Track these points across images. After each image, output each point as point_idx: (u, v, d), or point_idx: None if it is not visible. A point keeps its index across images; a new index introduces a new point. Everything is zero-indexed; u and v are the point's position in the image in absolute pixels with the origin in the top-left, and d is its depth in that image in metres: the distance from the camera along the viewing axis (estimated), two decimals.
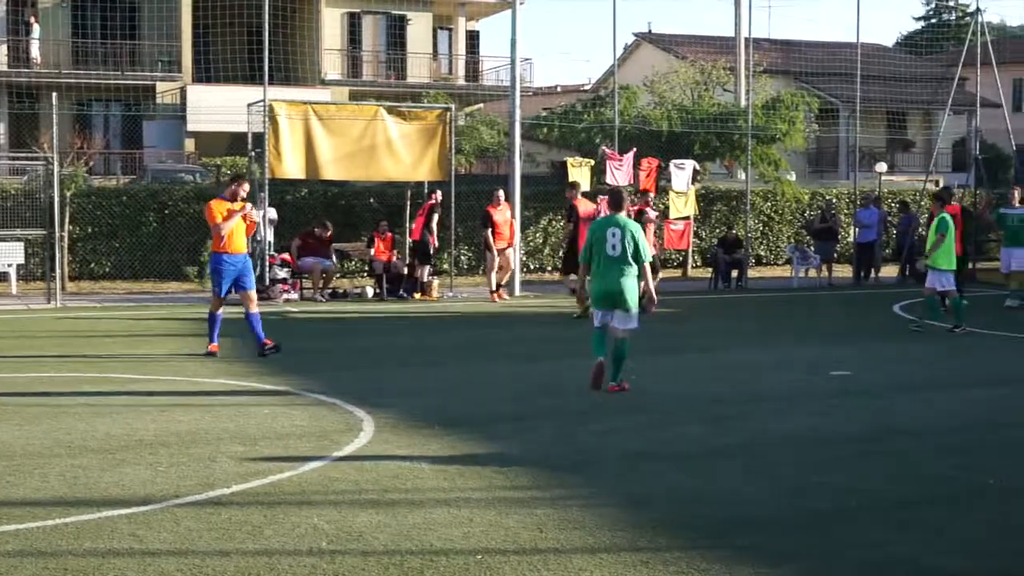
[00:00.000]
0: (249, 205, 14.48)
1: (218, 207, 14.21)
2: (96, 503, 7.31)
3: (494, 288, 22.55)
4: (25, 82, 42.67)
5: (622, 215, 11.78)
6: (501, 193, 22.99)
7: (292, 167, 22.82)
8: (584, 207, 21.17)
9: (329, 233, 23.45)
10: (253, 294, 14.46)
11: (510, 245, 23.02)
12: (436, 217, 23.06)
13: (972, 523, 7.06)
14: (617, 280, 11.48)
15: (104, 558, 6.20)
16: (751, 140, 29.25)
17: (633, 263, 11.52)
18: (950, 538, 6.74)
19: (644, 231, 13.34)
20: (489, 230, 22.43)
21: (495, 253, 22.53)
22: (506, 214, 23.02)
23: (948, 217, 17.29)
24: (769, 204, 31.75)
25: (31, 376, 12.76)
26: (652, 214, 21.64)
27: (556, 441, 9.32)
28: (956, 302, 17.25)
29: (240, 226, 14.26)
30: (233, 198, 14.38)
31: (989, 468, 8.50)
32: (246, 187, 14.68)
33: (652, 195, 24.21)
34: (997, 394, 11.86)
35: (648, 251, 11.84)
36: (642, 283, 11.73)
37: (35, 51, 43.55)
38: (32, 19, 43.69)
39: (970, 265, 22.86)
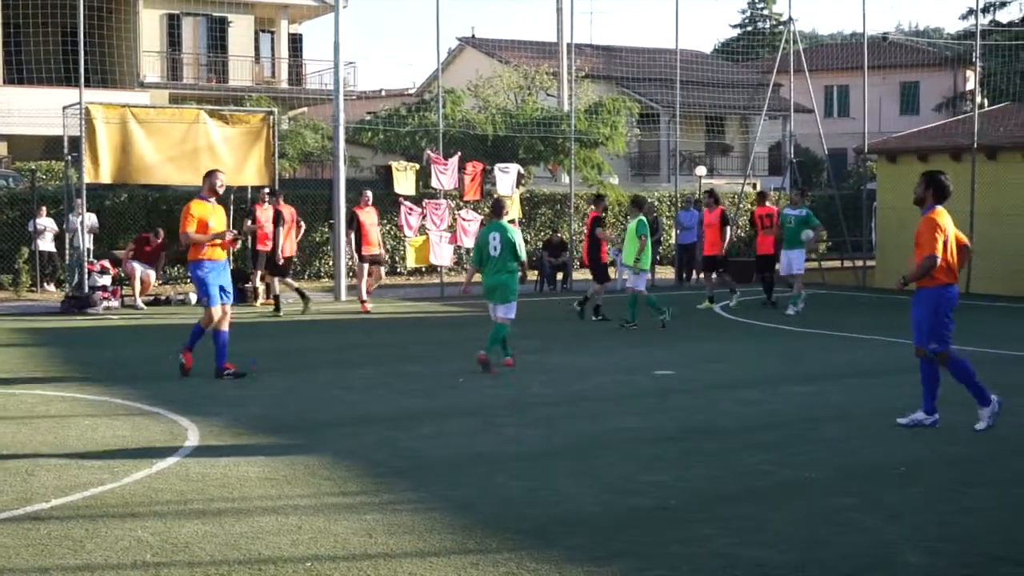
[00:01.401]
0: (232, 234, 13.15)
1: (197, 210, 12.79)
2: None
3: (364, 297, 21.58)
4: None
5: (503, 221, 13.97)
6: (369, 193, 22.19)
7: (111, 172, 22.25)
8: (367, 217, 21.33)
9: (161, 240, 23.01)
10: (229, 309, 13.19)
11: (379, 251, 22.20)
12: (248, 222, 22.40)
13: (789, 516, 7.27)
14: (499, 276, 13.67)
15: None
16: (574, 144, 29.65)
17: (512, 261, 13.69)
18: (768, 531, 6.93)
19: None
20: (354, 233, 21.60)
21: (360, 258, 21.58)
22: (373, 216, 22.18)
23: (645, 220, 18.37)
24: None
25: None
26: (607, 233, 21.52)
27: (384, 446, 9.30)
28: (650, 299, 18.20)
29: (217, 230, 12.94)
30: (213, 192, 12.98)
31: (806, 463, 8.77)
32: (222, 177, 13.24)
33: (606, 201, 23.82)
34: (811, 390, 12.24)
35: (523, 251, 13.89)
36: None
37: None
38: None
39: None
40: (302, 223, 23.09)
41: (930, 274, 9.92)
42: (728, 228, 21.95)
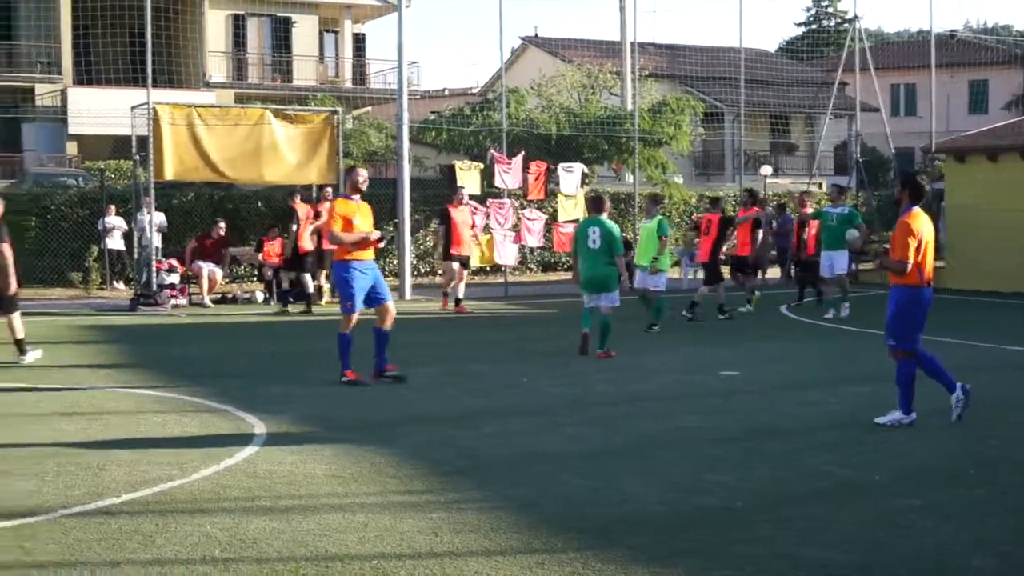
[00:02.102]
0: (377, 234, 12.43)
1: (342, 208, 12.37)
2: None
3: (460, 296, 21.27)
4: None
5: (603, 216, 14.65)
6: (465, 191, 22.09)
7: (177, 170, 22.51)
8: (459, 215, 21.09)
9: (223, 232, 23.26)
10: (391, 307, 12.61)
11: (468, 252, 21.92)
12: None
13: (853, 517, 7.22)
14: (598, 269, 14.50)
15: None
16: (638, 143, 29.58)
17: (611, 255, 14.44)
18: (831, 532, 6.88)
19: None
20: (444, 228, 21.33)
21: (448, 257, 21.22)
22: (466, 215, 21.77)
23: (665, 220, 18.09)
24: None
25: None
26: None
27: (449, 445, 9.33)
28: (660, 303, 17.82)
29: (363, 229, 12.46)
30: (356, 190, 12.49)
31: (867, 463, 8.70)
32: (364, 174, 12.73)
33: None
34: (869, 391, 12.11)
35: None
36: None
37: None
38: None
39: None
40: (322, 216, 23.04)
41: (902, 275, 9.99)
42: (760, 230, 21.30)
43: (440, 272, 23.54)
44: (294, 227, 21.54)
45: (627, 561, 6.32)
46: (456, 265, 21.24)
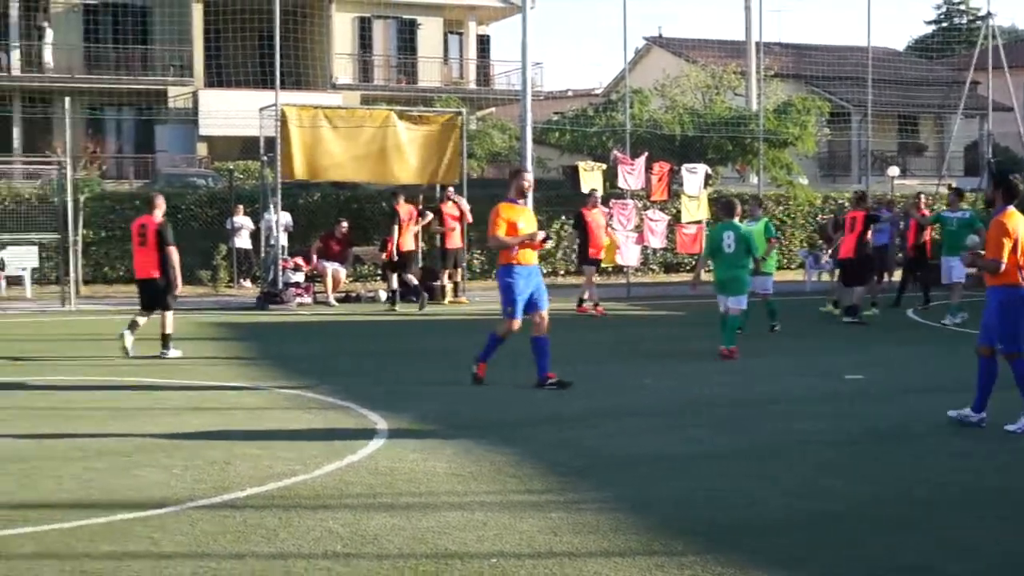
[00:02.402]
0: (542, 234, 12.24)
1: (506, 212, 12.09)
2: (111, 506, 7.33)
3: (596, 299, 20.80)
4: (38, 87, 42.80)
5: (735, 220, 15.08)
6: (598, 193, 21.90)
7: (303, 170, 22.87)
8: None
9: (346, 231, 23.56)
10: (545, 315, 12.25)
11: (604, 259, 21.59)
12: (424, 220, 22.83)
13: (982, 525, 7.05)
14: (733, 271, 14.88)
15: (120, 561, 6.22)
16: (763, 144, 29.25)
17: (747, 257, 14.95)
18: (961, 542, 6.73)
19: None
20: (580, 232, 21.05)
21: (586, 260, 20.93)
22: (601, 218, 21.36)
23: (770, 222, 17.92)
24: (782, 208, 31.72)
25: (45, 379, 12.81)
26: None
27: (569, 445, 9.32)
28: (772, 304, 17.81)
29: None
30: (520, 194, 12.38)
31: (997, 469, 8.49)
32: (529, 178, 12.66)
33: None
34: (1002, 396, 11.81)
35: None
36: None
37: (48, 56, 43.69)
38: (45, 24, 43.80)
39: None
40: (427, 215, 23.13)
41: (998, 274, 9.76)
42: (868, 232, 20.62)
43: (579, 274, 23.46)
44: (395, 228, 21.76)
45: (748, 565, 6.25)
46: (593, 268, 21.08)
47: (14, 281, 24.30)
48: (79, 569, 6.07)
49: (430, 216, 22.94)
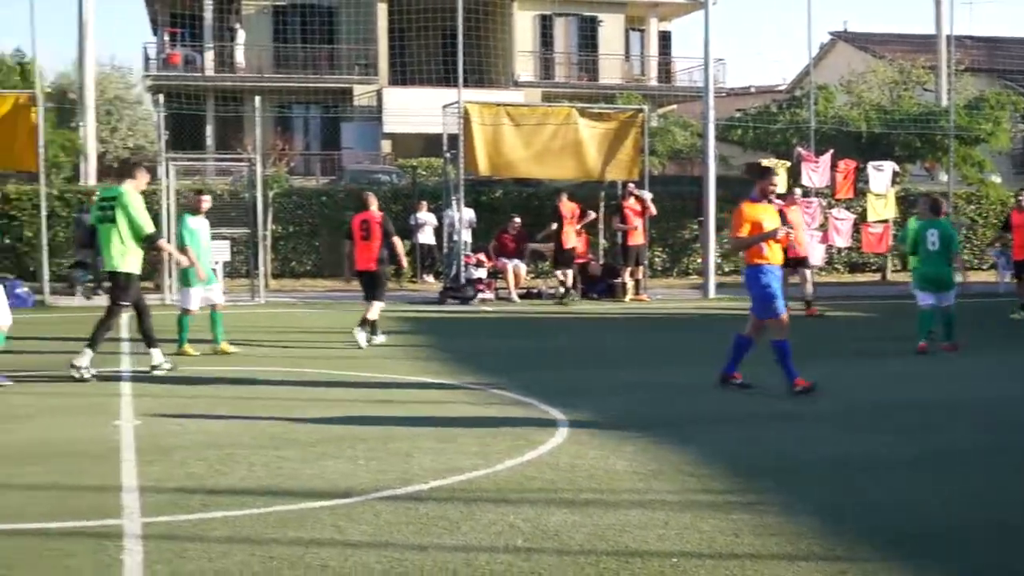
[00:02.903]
0: (784, 230, 11.74)
1: (750, 212, 11.70)
2: (299, 494, 7.50)
3: (810, 297, 20.17)
4: (230, 86, 44.12)
5: (940, 218, 15.21)
6: (798, 190, 21.50)
7: (485, 167, 23.13)
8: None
9: (518, 227, 23.70)
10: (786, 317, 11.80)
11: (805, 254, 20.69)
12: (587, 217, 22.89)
13: None
14: (938, 268, 14.97)
15: (307, 547, 6.36)
16: (953, 141, 28.42)
17: (948, 255, 15.02)
18: None
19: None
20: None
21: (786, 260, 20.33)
22: (799, 215, 20.65)
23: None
24: (973, 207, 30.81)
25: (236, 370, 13.21)
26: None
27: (751, 445, 9.20)
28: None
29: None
30: (765, 195, 12.05)
31: None
32: (777, 180, 11.84)
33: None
34: None
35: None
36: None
37: (239, 56, 45.02)
38: (237, 25, 45.14)
39: None
40: (589, 214, 23.06)
41: None
42: None
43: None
44: (554, 225, 21.83)
45: (935, 574, 6.08)
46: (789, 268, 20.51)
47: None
48: (268, 554, 6.23)
49: (592, 214, 22.98)
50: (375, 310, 15.68)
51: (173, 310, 15.53)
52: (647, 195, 23.11)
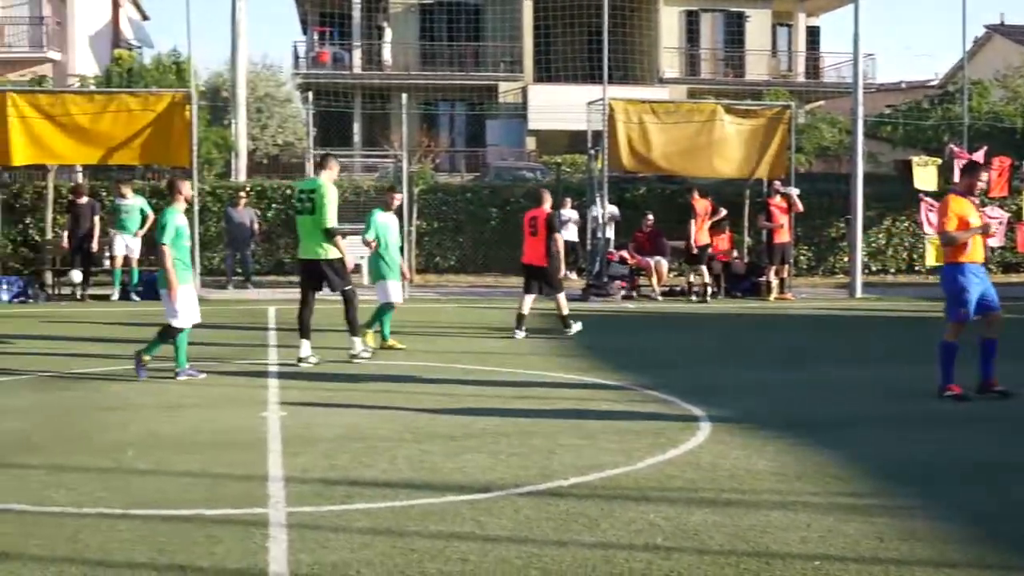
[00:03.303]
0: (994, 223, 11.01)
1: (956, 206, 11.17)
2: (440, 488, 7.58)
3: None
4: (377, 83, 44.73)
5: None
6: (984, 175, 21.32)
7: (630, 164, 23.11)
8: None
9: (651, 224, 23.56)
10: (1001, 315, 11.39)
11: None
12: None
13: None
14: None
15: (447, 541, 6.42)
16: None
17: None
18: None
19: None
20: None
21: None
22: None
23: None
24: None
25: (380, 363, 13.41)
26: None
27: (897, 448, 9.02)
28: None
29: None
30: (970, 191, 11.49)
31: None
32: (985, 175, 11.64)
33: None
34: None
35: None
36: None
37: (387, 54, 45.62)
38: (384, 24, 45.75)
39: None
40: (720, 211, 22.80)
41: None
42: None
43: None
44: (692, 223, 21.66)
45: None
46: None
47: (353, 269, 25.43)
48: (409, 547, 6.31)
49: (723, 212, 22.78)
50: (563, 304, 16.32)
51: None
52: (794, 191, 22.82)
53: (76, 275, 21.81)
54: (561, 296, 16.37)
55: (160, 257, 12.03)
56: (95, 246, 22.06)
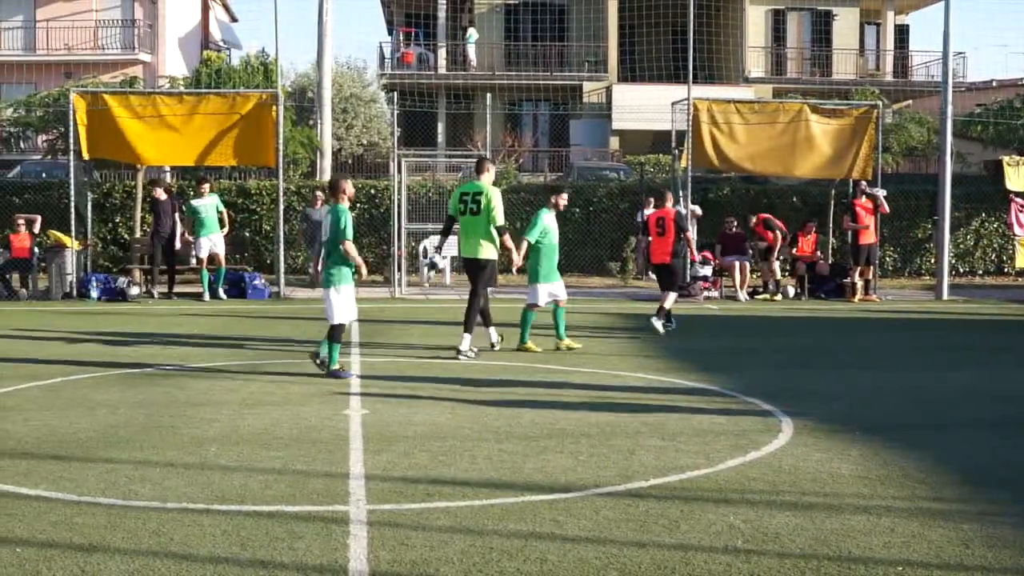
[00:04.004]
0: None
1: None
2: (520, 487, 7.58)
3: None
4: (461, 83, 44.88)
5: None
6: None
7: (714, 162, 23.03)
8: None
9: (734, 224, 23.44)
10: None
11: None
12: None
13: None
14: None
15: (526, 540, 6.42)
16: None
17: None
18: None
19: None
20: None
21: None
22: None
23: None
24: None
25: (459, 362, 13.46)
26: None
27: (985, 453, 8.87)
28: None
29: None
30: None
31: None
32: None
33: None
34: None
35: None
36: None
37: (471, 54, 45.76)
38: (469, 24, 45.91)
39: None
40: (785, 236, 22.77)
41: None
42: None
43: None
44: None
45: None
46: None
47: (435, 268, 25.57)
48: (488, 546, 6.32)
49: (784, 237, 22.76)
50: (670, 300, 16.73)
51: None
52: (881, 192, 22.53)
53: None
54: (673, 295, 16.82)
55: (347, 252, 12.32)
56: (178, 244, 22.37)
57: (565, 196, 15.73)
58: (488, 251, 14.12)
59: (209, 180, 23.35)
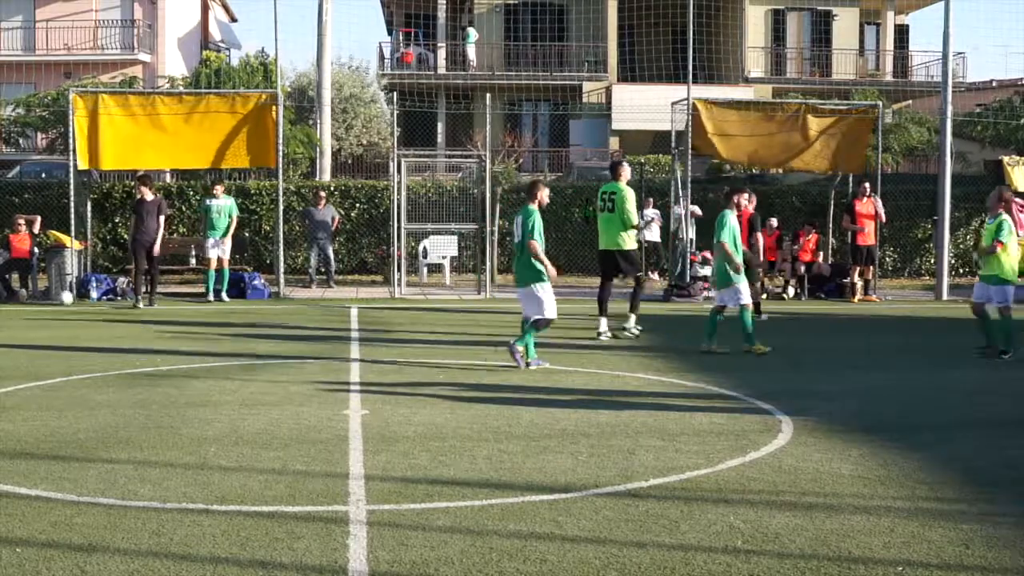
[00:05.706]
0: None
1: None
2: (519, 487, 7.58)
3: None
4: (461, 83, 44.88)
5: None
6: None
7: (721, 151, 23.20)
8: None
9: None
10: None
11: None
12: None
13: None
14: None
15: (526, 540, 6.42)
16: None
17: None
18: None
19: None
20: None
21: None
22: None
23: (1006, 220, 14.18)
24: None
25: (458, 363, 13.45)
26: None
27: (986, 454, 8.86)
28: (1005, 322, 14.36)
29: None
30: None
31: None
32: None
33: None
34: None
35: None
36: None
37: (471, 54, 45.76)
38: (469, 24, 45.91)
39: None
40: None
41: None
42: None
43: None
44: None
45: None
46: None
47: (434, 268, 25.60)
48: (487, 546, 6.32)
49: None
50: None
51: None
52: (880, 205, 22.48)
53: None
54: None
55: (533, 251, 12.96)
56: (157, 249, 20.57)
57: (746, 196, 17.06)
58: (629, 242, 15.82)
59: (224, 182, 23.28)
